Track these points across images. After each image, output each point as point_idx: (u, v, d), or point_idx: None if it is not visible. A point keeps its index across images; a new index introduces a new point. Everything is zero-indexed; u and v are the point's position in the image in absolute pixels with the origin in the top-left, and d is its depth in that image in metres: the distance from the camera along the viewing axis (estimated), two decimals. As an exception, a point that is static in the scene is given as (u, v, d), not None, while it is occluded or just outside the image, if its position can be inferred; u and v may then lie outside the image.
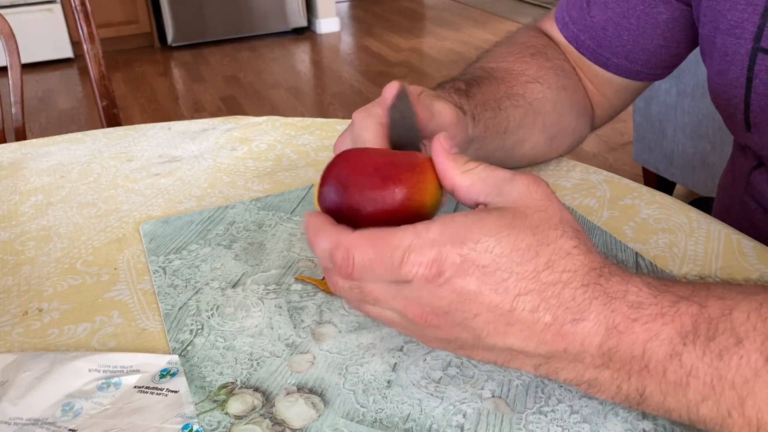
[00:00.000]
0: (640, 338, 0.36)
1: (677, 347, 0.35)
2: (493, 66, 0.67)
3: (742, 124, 0.62)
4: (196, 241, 0.64)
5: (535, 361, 0.39)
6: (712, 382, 0.35)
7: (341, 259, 0.37)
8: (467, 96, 0.60)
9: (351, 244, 0.37)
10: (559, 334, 0.37)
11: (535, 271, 0.37)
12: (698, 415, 0.36)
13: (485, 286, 0.36)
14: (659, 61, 0.69)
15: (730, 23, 0.59)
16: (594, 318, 0.36)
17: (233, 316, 0.54)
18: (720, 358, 0.34)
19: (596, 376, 0.37)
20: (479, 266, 0.36)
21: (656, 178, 2.07)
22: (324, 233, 0.38)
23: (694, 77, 1.76)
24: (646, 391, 0.36)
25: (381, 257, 0.36)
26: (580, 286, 0.37)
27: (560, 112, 0.69)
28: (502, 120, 0.62)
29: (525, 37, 0.73)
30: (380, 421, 0.43)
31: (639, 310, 0.36)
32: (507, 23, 4.48)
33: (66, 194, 0.77)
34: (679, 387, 0.35)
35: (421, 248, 0.36)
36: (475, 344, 0.39)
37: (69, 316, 0.55)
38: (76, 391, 0.46)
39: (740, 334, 0.34)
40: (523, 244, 0.37)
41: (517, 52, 0.69)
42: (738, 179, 0.73)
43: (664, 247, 0.59)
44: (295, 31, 4.58)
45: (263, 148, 0.84)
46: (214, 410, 0.45)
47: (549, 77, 0.68)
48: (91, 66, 1.30)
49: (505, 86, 0.64)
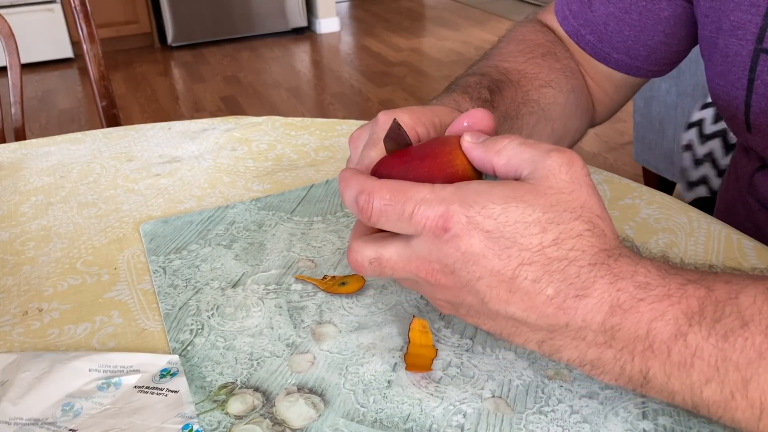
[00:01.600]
0: (645, 317, 0.36)
1: (683, 327, 0.35)
2: (507, 67, 0.66)
3: (742, 125, 0.62)
4: (196, 241, 0.64)
5: (539, 336, 0.39)
6: (716, 363, 0.35)
7: (363, 202, 0.40)
8: (493, 107, 0.59)
9: (373, 189, 0.40)
10: (561, 308, 0.37)
11: (540, 245, 0.37)
12: (701, 397, 0.35)
13: (489, 250, 0.37)
14: (660, 57, 0.69)
15: (733, 24, 0.59)
16: (598, 295, 0.36)
17: (233, 316, 0.54)
18: (725, 339, 0.34)
19: (599, 356, 0.37)
20: (483, 230, 0.37)
21: (656, 178, 2.07)
22: (354, 181, 0.41)
23: (694, 77, 1.76)
24: (649, 373, 0.36)
25: (395, 205, 0.39)
26: (586, 265, 0.37)
27: (567, 116, 0.69)
28: (518, 129, 0.62)
29: (532, 33, 0.72)
30: (380, 421, 0.43)
31: (646, 290, 0.36)
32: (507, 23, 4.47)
33: (66, 194, 0.77)
34: (683, 368, 0.35)
35: (431, 203, 0.38)
36: (480, 309, 0.39)
37: (69, 316, 0.55)
38: (76, 391, 0.46)
39: (746, 317, 0.35)
40: (530, 218, 0.37)
41: (528, 52, 0.69)
42: (741, 180, 0.72)
43: (664, 247, 0.59)
44: (295, 31, 4.58)
45: (263, 148, 0.84)
46: (214, 410, 0.45)
47: (560, 80, 0.68)
48: (90, 66, 1.30)
49: (521, 91, 0.64)
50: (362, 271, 0.43)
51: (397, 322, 0.52)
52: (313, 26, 4.62)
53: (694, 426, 0.42)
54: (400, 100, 3.30)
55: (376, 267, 0.42)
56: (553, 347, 0.39)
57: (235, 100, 3.45)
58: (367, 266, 0.42)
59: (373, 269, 0.42)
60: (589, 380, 0.45)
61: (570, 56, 0.71)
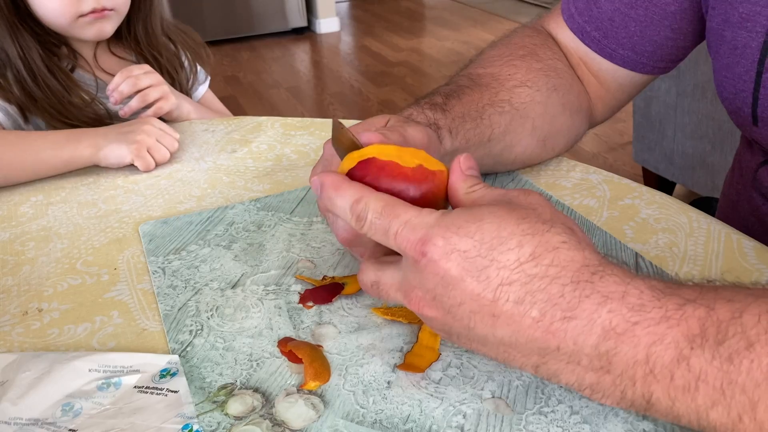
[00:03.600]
0: (643, 342, 0.35)
1: (684, 351, 0.34)
2: (480, 72, 0.67)
3: (749, 118, 0.62)
4: (195, 242, 0.64)
5: (532, 361, 0.38)
6: (722, 386, 0.34)
7: (360, 211, 0.42)
8: (443, 110, 0.61)
9: (370, 200, 0.41)
10: (549, 331, 0.36)
11: (517, 262, 0.37)
12: (708, 420, 0.35)
13: (466, 273, 0.37)
14: (665, 53, 0.69)
15: (742, 16, 0.59)
16: (586, 317, 0.36)
17: (233, 317, 0.54)
18: (730, 361, 0.34)
19: (597, 381, 0.37)
20: (460, 251, 0.38)
21: (656, 178, 2.07)
22: (348, 187, 0.43)
23: (694, 77, 1.76)
24: (652, 398, 0.35)
25: (382, 221, 0.41)
26: (569, 283, 0.36)
27: (552, 114, 0.69)
28: (485, 128, 0.63)
29: (519, 37, 0.73)
30: (380, 422, 0.43)
31: (640, 312, 0.35)
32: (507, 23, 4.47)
33: (66, 194, 0.77)
34: (687, 392, 0.34)
35: (414, 227, 0.39)
36: (469, 336, 0.39)
37: (69, 316, 0.55)
38: (76, 391, 0.46)
39: (751, 338, 0.34)
40: (505, 232, 0.37)
41: (507, 56, 0.69)
42: (745, 175, 0.72)
43: (664, 247, 0.59)
44: (294, 31, 4.58)
45: (263, 149, 0.84)
46: (213, 411, 0.45)
47: (538, 79, 0.68)
48: (90, 66, 1.30)
49: (489, 93, 0.65)
50: (369, 292, 0.45)
51: (396, 323, 0.51)
52: (312, 26, 4.62)
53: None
54: (400, 100, 3.30)
55: (376, 290, 0.44)
56: (549, 371, 0.38)
57: (235, 100, 3.45)
58: (370, 288, 0.45)
59: (375, 292, 0.45)
60: (589, 381, 0.45)
61: (557, 56, 0.71)
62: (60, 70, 0.95)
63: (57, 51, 0.97)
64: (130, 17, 1.03)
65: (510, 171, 0.72)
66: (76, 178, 0.80)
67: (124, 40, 1.05)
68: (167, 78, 1.03)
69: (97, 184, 0.78)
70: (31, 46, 0.92)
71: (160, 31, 1.07)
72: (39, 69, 0.92)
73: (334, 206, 0.43)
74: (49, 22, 0.94)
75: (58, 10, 0.92)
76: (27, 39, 0.92)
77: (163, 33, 1.09)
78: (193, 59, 1.13)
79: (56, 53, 0.97)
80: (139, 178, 0.79)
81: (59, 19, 0.93)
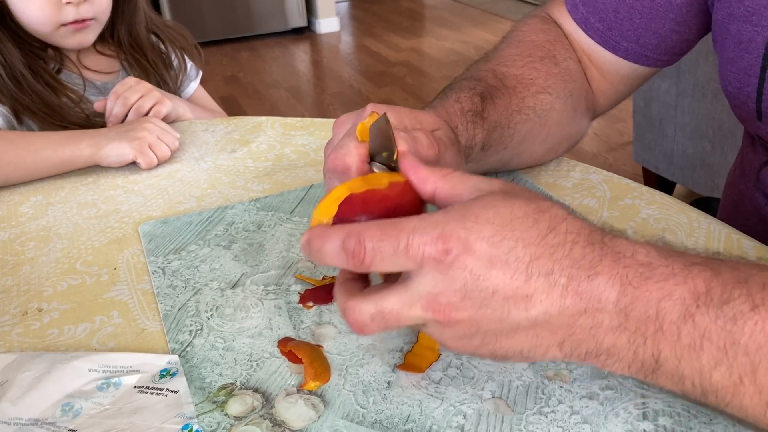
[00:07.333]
0: (654, 296, 0.36)
1: (690, 308, 0.35)
2: (504, 71, 0.66)
3: (753, 113, 0.62)
4: (195, 242, 0.64)
5: (558, 337, 0.38)
6: (725, 346, 0.34)
7: (354, 245, 0.38)
8: (482, 118, 0.59)
9: (361, 229, 0.38)
10: (577, 294, 0.37)
11: (540, 236, 0.37)
12: (711, 381, 0.35)
13: (496, 258, 0.37)
14: (669, 46, 0.68)
15: (747, 10, 0.58)
16: (607, 272, 0.36)
17: (233, 317, 0.54)
18: (734, 322, 0.34)
19: (614, 342, 0.37)
20: (485, 238, 0.37)
21: (656, 178, 2.07)
22: (332, 232, 0.39)
23: (694, 77, 1.76)
24: (661, 356, 0.36)
25: (387, 240, 0.37)
26: (587, 245, 0.37)
27: (564, 122, 0.68)
28: (507, 138, 0.62)
29: (533, 33, 0.72)
30: (380, 422, 0.43)
31: (650, 269, 0.36)
32: (507, 23, 4.47)
33: (66, 194, 0.77)
34: (693, 350, 0.35)
35: (425, 228, 0.37)
36: (500, 328, 0.38)
37: (69, 316, 0.55)
38: (76, 391, 0.46)
39: (756, 301, 0.34)
40: (520, 212, 0.38)
41: (527, 56, 0.68)
42: (747, 175, 0.72)
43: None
44: (294, 31, 4.58)
45: (263, 149, 0.84)
46: (213, 411, 0.45)
47: (557, 86, 0.67)
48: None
49: (516, 98, 0.64)
50: (365, 330, 0.39)
51: (396, 323, 0.51)
52: (312, 26, 4.62)
53: (694, 427, 0.42)
54: (400, 100, 3.30)
55: (379, 322, 0.39)
56: (573, 343, 0.38)
57: (234, 100, 3.45)
58: (370, 323, 0.39)
59: (377, 325, 0.39)
60: (589, 381, 0.45)
61: (570, 54, 0.71)
62: (46, 72, 0.95)
63: (43, 54, 0.98)
64: (113, 21, 1.03)
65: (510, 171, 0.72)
66: (76, 178, 0.80)
67: (108, 42, 1.06)
68: (154, 78, 1.03)
69: (97, 184, 0.78)
70: (13, 53, 0.92)
71: (144, 32, 1.08)
72: (23, 74, 0.92)
73: (323, 256, 0.39)
74: (31, 30, 0.96)
75: (40, 19, 0.93)
76: (8, 46, 0.93)
77: (150, 31, 1.09)
78: (182, 56, 1.13)
79: (42, 56, 0.98)
80: (139, 178, 0.79)
81: (41, 27, 0.95)
